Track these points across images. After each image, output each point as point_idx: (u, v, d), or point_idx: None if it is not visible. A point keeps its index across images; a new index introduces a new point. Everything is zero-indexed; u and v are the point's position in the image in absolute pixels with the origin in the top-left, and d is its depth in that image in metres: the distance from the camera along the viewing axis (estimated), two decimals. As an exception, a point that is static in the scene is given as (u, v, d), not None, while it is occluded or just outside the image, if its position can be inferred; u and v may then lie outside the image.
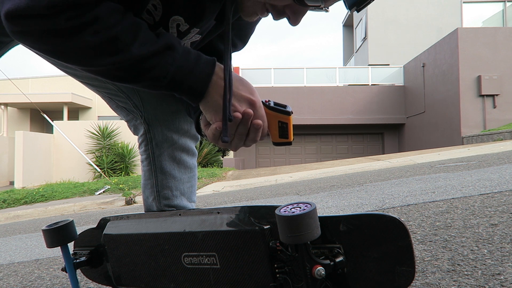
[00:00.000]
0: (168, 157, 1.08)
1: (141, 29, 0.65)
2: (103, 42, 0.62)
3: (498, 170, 3.39)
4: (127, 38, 0.63)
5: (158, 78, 0.68)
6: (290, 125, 0.74)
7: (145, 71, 0.67)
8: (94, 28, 0.60)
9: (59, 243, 0.98)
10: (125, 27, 0.63)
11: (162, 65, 0.67)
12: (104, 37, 0.61)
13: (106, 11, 0.60)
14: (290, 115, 0.74)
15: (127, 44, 0.63)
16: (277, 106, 0.75)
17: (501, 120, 10.12)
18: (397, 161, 6.57)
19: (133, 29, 0.64)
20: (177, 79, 0.68)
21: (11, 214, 5.96)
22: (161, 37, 0.67)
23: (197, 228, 0.83)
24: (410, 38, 15.98)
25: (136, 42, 0.64)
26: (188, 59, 0.69)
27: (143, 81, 0.69)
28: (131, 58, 0.64)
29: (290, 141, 0.75)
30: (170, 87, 0.70)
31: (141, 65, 0.66)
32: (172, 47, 0.67)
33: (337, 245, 0.72)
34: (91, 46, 0.62)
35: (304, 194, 3.92)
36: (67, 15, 0.58)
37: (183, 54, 0.68)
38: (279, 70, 14.74)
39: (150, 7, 0.69)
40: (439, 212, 1.98)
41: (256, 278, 0.75)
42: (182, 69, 0.68)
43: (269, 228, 0.74)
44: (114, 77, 0.68)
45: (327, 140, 14.88)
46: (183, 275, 0.86)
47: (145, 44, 0.65)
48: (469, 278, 1.09)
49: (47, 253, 2.53)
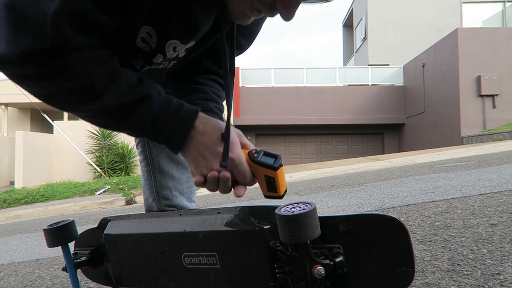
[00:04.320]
0: (166, 157, 1.09)
1: (118, 78, 0.63)
2: (75, 90, 0.61)
3: (498, 170, 3.39)
4: (101, 87, 0.62)
5: (133, 128, 0.68)
6: (279, 179, 0.68)
7: (120, 120, 0.66)
8: (66, 76, 0.59)
9: (60, 243, 0.99)
10: (101, 75, 0.62)
11: (136, 117, 0.66)
12: (77, 85, 0.61)
13: (81, 59, 0.59)
14: (277, 169, 0.67)
15: (100, 93, 0.62)
16: (266, 157, 0.69)
17: (500, 120, 10.12)
18: (397, 161, 6.57)
19: (109, 78, 0.62)
20: (153, 130, 0.68)
21: (11, 214, 5.96)
22: (139, 87, 0.66)
23: (198, 228, 0.83)
24: (410, 38, 15.97)
25: (111, 91, 0.63)
26: (166, 111, 0.67)
27: (121, 130, 0.69)
28: (104, 107, 0.64)
29: (280, 195, 0.69)
30: (148, 137, 0.69)
31: (115, 115, 0.65)
32: (148, 99, 0.66)
33: (337, 245, 0.72)
34: (64, 93, 0.62)
35: (304, 194, 3.92)
36: (38, 63, 0.57)
37: (161, 105, 0.67)
38: (279, 70, 14.73)
39: (145, 35, 0.68)
40: (439, 212, 1.98)
41: (256, 278, 0.76)
42: (159, 120, 0.67)
43: (269, 228, 0.74)
44: (92, 123, 0.69)
45: (327, 140, 14.87)
46: (183, 275, 0.86)
47: (120, 94, 0.64)
48: (468, 278, 1.09)
49: (47, 253, 2.53)
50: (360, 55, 18.25)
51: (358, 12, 18.33)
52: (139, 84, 0.66)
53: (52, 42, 0.56)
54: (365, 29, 16.89)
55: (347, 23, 21.58)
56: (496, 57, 10.31)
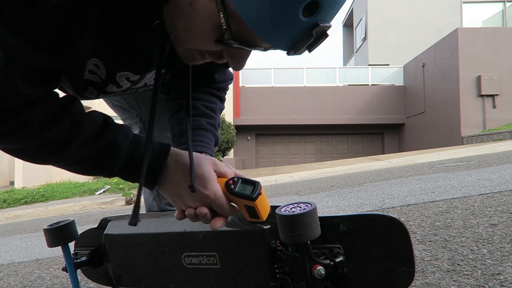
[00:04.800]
0: None
1: (82, 127, 0.61)
2: (39, 145, 0.60)
3: (498, 170, 3.39)
4: (65, 139, 0.60)
5: (104, 172, 0.67)
6: (259, 208, 0.66)
7: (90, 167, 0.66)
8: (27, 133, 0.57)
9: (60, 243, 0.99)
10: (63, 127, 0.60)
11: (105, 164, 0.65)
12: (39, 141, 0.59)
13: (39, 112, 0.57)
14: (254, 200, 0.66)
15: (65, 146, 0.61)
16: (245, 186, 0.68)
17: (501, 120, 10.12)
18: (397, 161, 6.57)
19: (72, 129, 0.60)
20: (124, 173, 0.67)
21: (11, 214, 5.96)
22: (104, 134, 0.64)
23: (198, 228, 0.83)
24: (410, 38, 15.98)
25: (75, 142, 0.61)
26: (134, 155, 0.66)
27: (93, 174, 0.68)
28: (71, 157, 0.63)
29: (263, 221, 0.69)
30: (123, 179, 0.69)
31: (84, 163, 0.65)
32: (115, 145, 0.64)
33: (337, 245, 0.72)
34: (28, 149, 0.60)
35: (304, 194, 3.92)
36: None
37: (129, 149, 0.66)
38: (279, 70, 14.74)
39: (92, 67, 0.66)
40: (439, 212, 1.98)
41: (256, 278, 0.76)
42: (128, 165, 0.66)
43: (269, 228, 0.74)
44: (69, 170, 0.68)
45: (327, 140, 14.88)
46: (183, 275, 0.86)
47: (85, 145, 0.62)
48: (469, 278, 1.09)
49: (47, 253, 2.53)
50: (360, 55, 18.25)
51: (358, 12, 18.33)
52: (105, 129, 0.64)
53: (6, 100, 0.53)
54: (365, 29, 16.89)
55: (347, 23, 21.59)
56: (496, 57, 10.32)
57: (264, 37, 0.54)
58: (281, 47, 0.56)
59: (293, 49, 0.55)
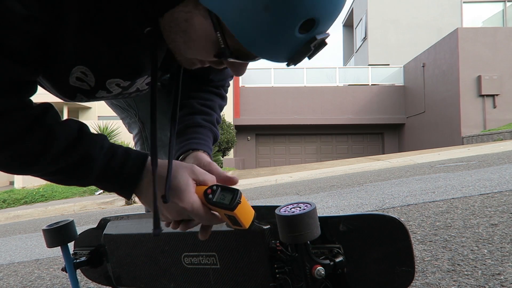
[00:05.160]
0: (165, 156, 1.08)
1: (54, 139, 0.59)
2: (11, 158, 0.58)
3: (498, 170, 3.39)
4: (37, 152, 0.59)
5: (81, 182, 0.66)
6: (240, 216, 0.65)
7: (64, 178, 0.65)
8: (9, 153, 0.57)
9: (59, 243, 0.98)
10: (34, 140, 0.58)
11: (79, 175, 0.64)
12: (11, 154, 0.58)
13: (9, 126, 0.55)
14: (234, 209, 0.64)
15: (38, 158, 0.59)
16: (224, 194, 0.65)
17: (501, 120, 10.12)
18: (397, 161, 6.57)
19: (44, 141, 0.59)
20: (100, 183, 0.66)
21: (11, 214, 5.96)
22: (78, 146, 0.62)
23: (197, 228, 0.82)
24: (410, 38, 15.98)
25: (47, 156, 0.59)
26: (109, 166, 0.64)
27: (69, 184, 0.68)
28: (45, 169, 0.62)
29: (246, 228, 0.67)
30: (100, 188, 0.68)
31: (59, 174, 0.64)
32: (87, 158, 0.62)
33: (337, 245, 0.72)
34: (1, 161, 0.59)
35: (304, 194, 3.92)
36: None
37: (104, 161, 0.64)
38: (279, 70, 14.74)
39: (80, 74, 0.65)
40: (439, 212, 1.98)
41: (256, 278, 0.75)
42: (104, 175, 0.64)
43: (269, 228, 0.74)
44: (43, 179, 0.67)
45: (327, 140, 14.88)
46: (183, 275, 0.86)
47: (58, 157, 0.60)
48: (469, 278, 1.09)
49: (47, 253, 2.53)
50: (360, 55, 18.25)
51: (358, 12, 18.33)
52: (79, 141, 0.62)
53: None
54: (365, 29, 16.89)
55: (347, 23, 21.59)
56: (496, 57, 10.31)
57: (261, 54, 0.55)
58: (280, 61, 0.57)
59: (292, 62, 0.56)
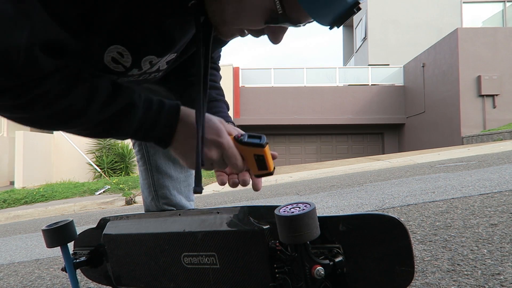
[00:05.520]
0: (163, 156, 1.08)
1: (97, 92, 0.62)
2: (56, 113, 0.61)
3: (498, 170, 3.39)
4: (82, 105, 0.61)
5: (121, 134, 0.68)
6: (267, 156, 0.71)
7: (107, 130, 0.67)
8: (44, 102, 0.58)
9: (59, 243, 0.98)
10: (79, 94, 0.61)
11: (123, 124, 0.66)
12: (57, 109, 0.60)
13: (55, 82, 0.58)
14: (264, 147, 0.71)
15: (83, 111, 0.62)
16: (251, 139, 0.72)
17: (501, 120, 10.12)
18: (397, 161, 6.57)
19: (88, 95, 0.61)
20: (140, 133, 0.68)
21: (11, 214, 5.96)
22: (120, 96, 0.65)
23: (197, 228, 0.83)
24: (410, 38, 15.97)
25: (93, 106, 0.62)
26: (149, 112, 0.67)
27: (109, 137, 0.69)
28: (89, 122, 0.64)
29: (271, 172, 0.73)
30: (136, 139, 0.70)
31: (101, 126, 0.65)
32: (131, 105, 0.66)
33: (336, 245, 0.72)
34: (47, 117, 0.61)
35: (304, 194, 3.92)
36: (13, 95, 0.55)
37: (144, 108, 0.67)
38: (279, 70, 14.73)
39: (116, 55, 0.67)
40: (439, 212, 1.98)
41: (255, 278, 0.75)
42: (145, 123, 0.67)
43: (269, 228, 0.74)
44: (80, 135, 0.69)
45: (327, 140, 14.87)
46: (182, 275, 0.86)
47: (102, 107, 0.63)
48: (469, 278, 1.09)
49: (47, 253, 2.53)
50: (360, 55, 18.25)
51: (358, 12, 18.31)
52: (118, 91, 0.65)
53: (26, 73, 0.54)
54: (365, 29, 16.89)
55: (347, 23, 21.56)
56: (496, 57, 10.31)
57: (314, 15, 0.58)
58: (326, 23, 0.60)
59: (335, 25, 0.60)
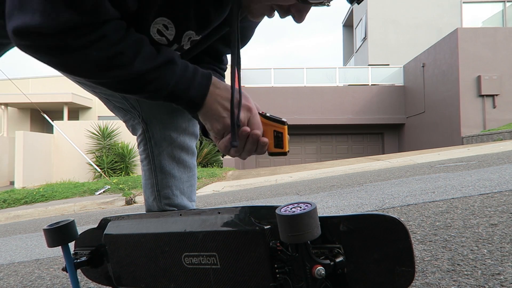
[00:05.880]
0: (168, 156, 1.09)
1: (143, 45, 0.68)
2: (107, 58, 0.65)
3: (498, 170, 3.39)
4: (130, 54, 0.66)
5: (158, 90, 0.71)
6: (285, 136, 0.74)
7: (146, 83, 0.70)
8: (100, 45, 0.63)
9: (60, 243, 0.98)
10: (129, 43, 0.66)
11: (162, 78, 0.70)
12: (109, 53, 0.64)
13: (112, 29, 0.63)
14: (285, 125, 0.74)
15: (130, 60, 0.66)
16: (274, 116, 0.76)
17: (501, 120, 10.12)
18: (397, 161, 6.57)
19: (136, 45, 0.67)
20: (176, 91, 0.72)
21: (11, 214, 5.96)
22: (162, 52, 0.70)
23: (198, 228, 0.83)
24: (410, 38, 15.97)
25: (139, 57, 0.67)
26: (186, 72, 0.72)
27: (144, 93, 0.72)
28: (133, 72, 0.68)
29: (285, 151, 0.75)
30: (170, 98, 0.73)
31: (143, 78, 0.69)
32: (172, 61, 0.71)
33: (337, 245, 0.72)
34: (95, 61, 0.65)
35: (304, 194, 3.92)
36: (75, 34, 0.60)
37: (182, 67, 0.72)
38: (279, 70, 14.73)
39: (161, 27, 0.72)
40: (439, 212, 1.98)
41: (256, 278, 0.75)
42: (182, 81, 0.71)
43: (270, 228, 0.74)
44: (117, 89, 0.72)
45: (327, 140, 14.87)
46: (183, 275, 0.86)
47: (147, 59, 0.68)
48: (469, 278, 1.09)
49: (47, 253, 2.53)
50: (360, 55, 18.25)
51: (358, 12, 18.32)
52: (159, 49, 0.71)
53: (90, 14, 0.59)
54: (365, 29, 16.89)
55: (347, 23, 21.58)
56: (496, 57, 10.31)
57: None
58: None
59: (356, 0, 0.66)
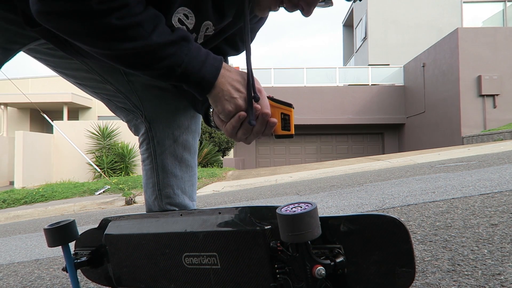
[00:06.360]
0: (170, 155, 1.09)
1: (161, 20, 0.70)
2: (126, 27, 0.65)
3: (498, 170, 3.39)
4: (149, 26, 0.67)
5: (172, 67, 0.71)
6: (292, 118, 0.77)
7: (161, 59, 0.70)
8: (121, 13, 0.64)
9: (60, 243, 0.98)
10: (148, 16, 0.67)
11: (177, 55, 0.70)
12: (128, 23, 0.65)
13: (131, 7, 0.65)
14: (292, 108, 0.77)
15: (148, 32, 0.67)
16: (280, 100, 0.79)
17: (501, 120, 10.12)
18: (397, 161, 6.58)
19: (154, 19, 0.68)
20: (189, 69, 0.72)
21: (11, 214, 5.96)
22: (178, 31, 0.72)
23: (198, 228, 0.83)
24: (410, 38, 15.98)
25: (156, 30, 0.68)
26: (200, 52, 0.73)
27: (158, 70, 0.72)
28: (150, 45, 0.68)
29: (292, 134, 0.78)
30: (182, 78, 0.73)
31: (158, 52, 0.69)
32: (187, 39, 0.71)
33: (337, 246, 0.72)
34: (114, 30, 0.65)
35: (304, 194, 3.92)
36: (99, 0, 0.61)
37: (196, 47, 0.73)
38: (279, 70, 14.74)
39: (182, 16, 0.75)
40: (439, 212, 1.98)
41: (256, 279, 0.75)
42: (195, 60, 0.72)
43: (270, 228, 0.74)
44: (129, 64, 0.71)
45: (327, 140, 14.88)
46: (183, 275, 0.86)
47: (164, 33, 0.69)
48: (469, 278, 1.09)
49: (47, 253, 2.53)
50: (360, 55, 18.25)
51: (358, 12, 18.33)
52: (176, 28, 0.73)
53: None
54: (365, 29, 16.89)
55: (347, 23, 21.58)
56: (497, 57, 10.32)
57: None
58: None
59: None
